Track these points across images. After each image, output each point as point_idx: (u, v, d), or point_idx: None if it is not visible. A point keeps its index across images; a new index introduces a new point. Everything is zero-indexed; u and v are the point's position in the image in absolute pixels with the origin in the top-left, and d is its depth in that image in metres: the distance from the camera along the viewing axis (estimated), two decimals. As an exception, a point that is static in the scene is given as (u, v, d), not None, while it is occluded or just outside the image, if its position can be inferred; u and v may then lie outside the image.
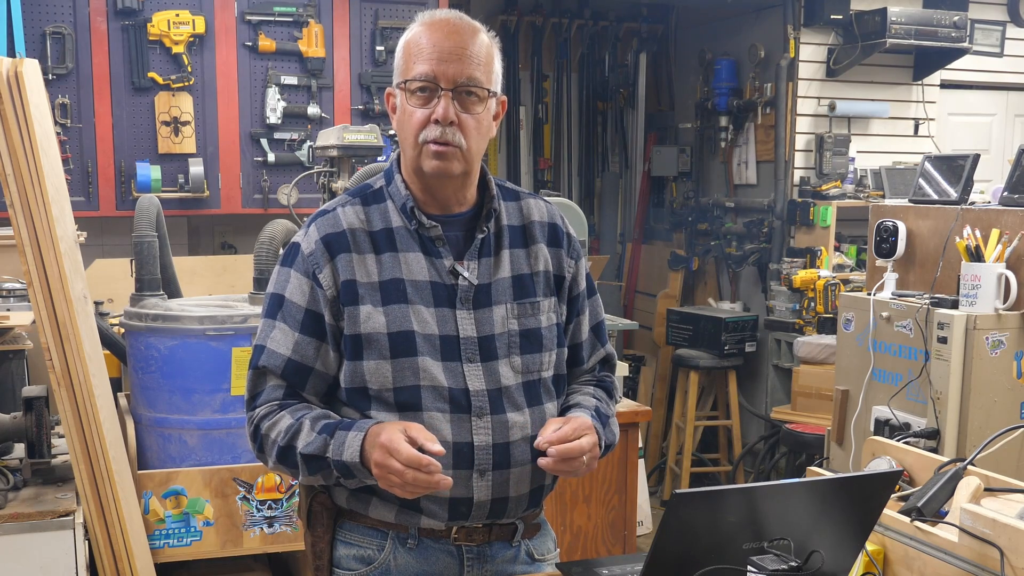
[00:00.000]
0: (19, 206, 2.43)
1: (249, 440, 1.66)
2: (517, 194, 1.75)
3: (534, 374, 1.67)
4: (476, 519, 1.65)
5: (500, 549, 1.70)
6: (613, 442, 1.75)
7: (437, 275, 1.63)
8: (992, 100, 5.69)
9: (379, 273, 1.61)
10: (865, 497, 1.46)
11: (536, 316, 1.67)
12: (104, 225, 4.61)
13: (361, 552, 1.67)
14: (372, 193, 1.68)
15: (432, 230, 1.64)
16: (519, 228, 1.71)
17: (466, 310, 1.63)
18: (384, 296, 1.60)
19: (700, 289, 6.04)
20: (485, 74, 1.59)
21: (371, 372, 1.59)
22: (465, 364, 1.62)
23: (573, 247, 1.76)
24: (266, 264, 2.90)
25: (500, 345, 1.64)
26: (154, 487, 2.71)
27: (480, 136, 1.61)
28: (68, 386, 2.49)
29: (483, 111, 1.60)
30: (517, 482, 1.64)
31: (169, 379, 2.75)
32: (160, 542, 2.71)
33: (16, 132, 2.40)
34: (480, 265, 1.65)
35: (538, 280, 1.69)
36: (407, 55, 1.60)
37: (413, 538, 1.64)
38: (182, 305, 2.91)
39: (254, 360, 1.65)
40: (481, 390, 1.62)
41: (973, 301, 3.01)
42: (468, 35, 1.59)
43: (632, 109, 6.39)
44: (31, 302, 2.51)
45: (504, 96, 1.68)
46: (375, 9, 4.78)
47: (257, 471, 2.78)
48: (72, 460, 2.51)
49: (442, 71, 1.56)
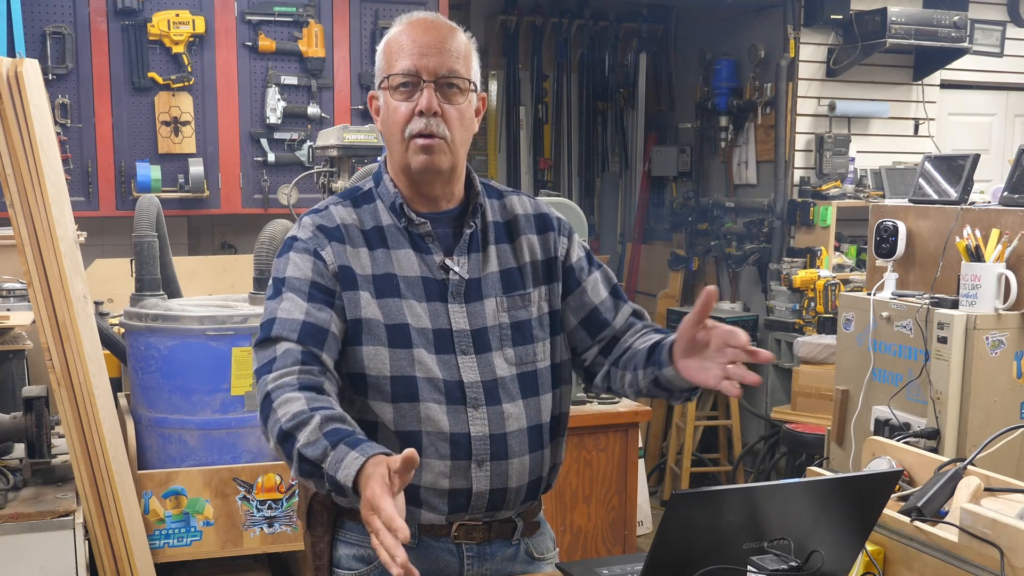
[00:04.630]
0: (19, 206, 2.43)
1: (258, 412, 1.54)
2: (500, 192, 1.78)
3: (528, 365, 1.68)
4: (475, 511, 1.65)
5: (500, 547, 1.71)
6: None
7: (428, 271, 1.65)
8: (992, 100, 5.69)
9: (372, 267, 1.63)
10: (865, 497, 1.46)
11: (527, 308, 1.69)
12: (104, 225, 4.61)
13: (361, 551, 1.67)
14: (362, 195, 1.71)
15: (421, 227, 1.66)
16: (503, 224, 1.73)
17: (458, 304, 1.65)
18: (378, 290, 1.62)
19: (700, 289, 5.99)
20: (464, 67, 1.63)
21: (369, 357, 1.60)
22: (459, 356, 1.63)
23: (563, 227, 1.78)
24: (266, 264, 2.90)
25: (493, 337, 1.66)
26: (154, 487, 2.71)
27: (463, 128, 1.64)
28: (68, 386, 2.49)
29: (465, 103, 1.63)
30: (515, 473, 1.65)
31: (169, 379, 2.75)
32: (160, 542, 2.71)
33: (16, 132, 2.40)
34: (469, 260, 1.68)
35: (526, 272, 1.71)
36: (388, 54, 1.63)
37: (413, 536, 1.64)
38: (182, 305, 2.91)
39: (263, 334, 1.57)
40: (476, 381, 1.63)
41: (973, 301, 3.01)
42: (446, 31, 1.63)
43: (632, 109, 6.39)
44: (31, 302, 2.51)
45: (484, 93, 1.70)
46: (375, 9, 4.78)
47: (257, 471, 2.78)
48: (72, 460, 2.51)
49: (423, 64, 1.59)
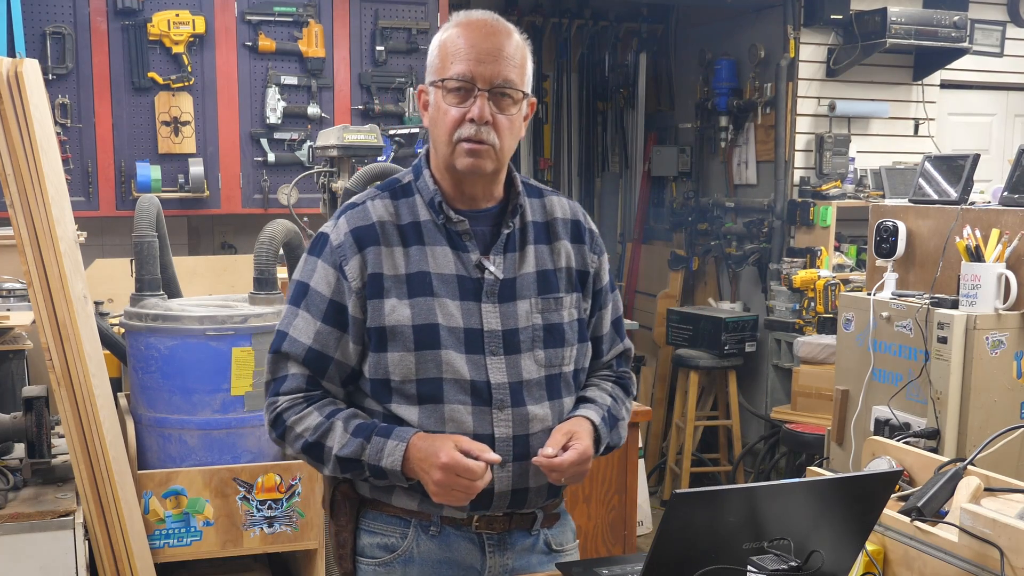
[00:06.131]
0: (19, 206, 2.43)
1: (268, 425, 1.70)
2: (541, 191, 1.79)
3: (556, 368, 1.70)
4: (497, 509, 1.68)
5: (520, 538, 1.73)
6: (618, 444, 1.78)
7: (463, 269, 1.66)
8: (992, 100, 5.69)
9: (406, 266, 1.64)
10: (865, 497, 1.46)
11: (559, 311, 1.71)
12: (104, 225, 4.61)
13: (384, 540, 1.70)
14: (401, 188, 1.72)
15: (459, 224, 1.67)
16: (543, 224, 1.74)
17: (491, 303, 1.66)
18: (410, 289, 1.63)
19: (700, 289, 6.04)
20: (519, 76, 1.63)
21: (394, 364, 1.62)
22: (488, 357, 1.64)
23: (596, 243, 1.80)
24: (266, 264, 2.90)
25: (524, 339, 1.67)
26: (154, 487, 2.71)
27: (512, 136, 1.65)
28: (68, 386, 2.49)
29: (516, 112, 1.64)
30: (536, 473, 1.66)
31: (169, 379, 2.75)
32: (160, 542, 2.71)
33: (16, 132, 2.40)
34: (505, 260, 1.69)
35: (560, 276, 1.73)
36: (443, 54, 1.63)
37: (435, 526, 1.68)
38: (182, 305, 2.91)
39: (275, 345, 1.68)
40: (503, 383, 1.64)
41: (973, 301, 3.01)
42: (504, 37, 1.62)
43: (632, 109, 6.39)
44: (31, 302, 2.51)
45: (534, 98, 1.71)
46: (375, 9, 4.78)
47: (257, 471, 2.78)
48: (72, 460, 2.51)
49: (479, 72, 1.59)
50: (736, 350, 5.15)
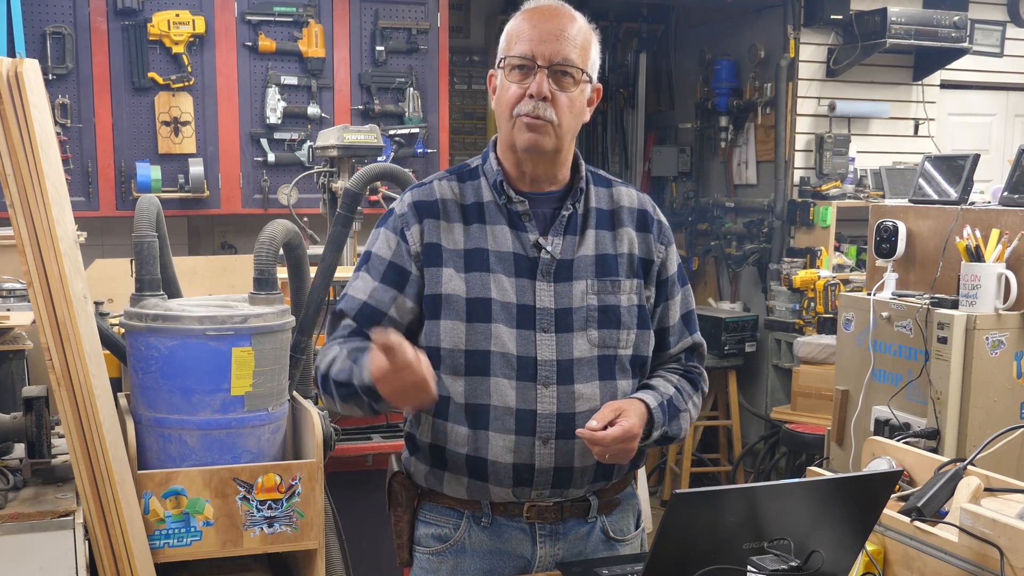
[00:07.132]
0: (19, 206, 2.42)
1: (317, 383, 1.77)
2: (609, 181, 1.81)
3: (611, 349, 1.70)
4: (540, 487, 1.68)
5: (574, 526, 1.74)
6: (677, 435, 1.77)
7: (521, 247, 1.69)
8: (992, 100, 5.69)
9: (465, 242, 1.68)
10: (865, 497, 1.46)
11: (616, 294, 1.72)
12: (104, 225, 4.61)
13: (438, 531, 1.74)
14: (468, 171, 1.77)
15: (519, 205, 1.70)
16: (607, 212, 1.76)
17: (546, 282, 1.68)
18: (467, 263, 1.67)
19: (700, 289, 6.04)
20: (581, 57, 1.66)
21: (446, 332, 1.66)
22: (539, 333, 1.66)
23: (664, 233, 1.81)
24: (266, 264, 2.90)
25: (577, 318, 1.68)
26: (154, 487, 2.71)
27: (572, 116, 1.67)
28: (68, 386, 2.49)
29: (577, 92, 1.67)
30: (583, 453, 1.66)
31: (169, 379, 2.74)
32: (160, 542, 2.71)
33: (16, 132, 2.40)
34: (564, 241, 1.71)
35: (622, 261, 1.74)
36: (509, 38, 1.68)
37: (487, 516, 1.71)
38: (182, 305, 2.90)
39: (337, 306, 1.77)
40: (550, 360, 1.66)
41: (973, 301, 3.01)
42: (567, 19, 1.66)
43: (632, 109, 6.39)
44: (31, 302, 2.51)
45: (600, 84, 1.73)
46: (375, 9, 4.78)
47: (257, 471, 2.78)
48: (72, 460, 2.51)
49: (540, 51, 1.63)
50: (736, 350, 5.15)
